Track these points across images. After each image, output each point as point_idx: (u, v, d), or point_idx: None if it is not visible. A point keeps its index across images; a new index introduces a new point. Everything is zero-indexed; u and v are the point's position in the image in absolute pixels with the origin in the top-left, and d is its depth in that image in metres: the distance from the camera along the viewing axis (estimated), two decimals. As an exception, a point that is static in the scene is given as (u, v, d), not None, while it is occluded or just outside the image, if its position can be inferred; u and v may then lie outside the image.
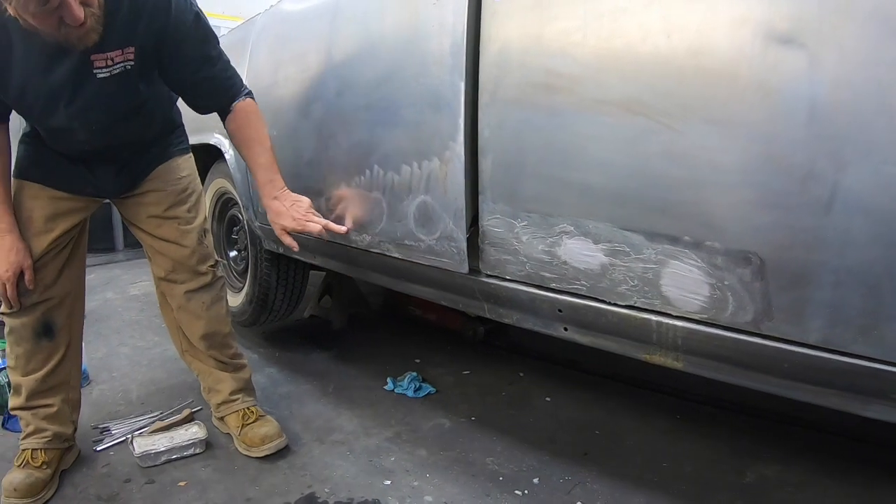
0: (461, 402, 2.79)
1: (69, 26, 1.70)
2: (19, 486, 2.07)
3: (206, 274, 2.40)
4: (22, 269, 2.07)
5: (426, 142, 1.88)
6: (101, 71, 1.89)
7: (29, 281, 2.09)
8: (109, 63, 1.89)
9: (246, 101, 2.17)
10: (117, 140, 2.12)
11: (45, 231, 2.12)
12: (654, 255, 1.44)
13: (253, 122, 2.18)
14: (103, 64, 1.89)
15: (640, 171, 1.42)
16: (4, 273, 2.03)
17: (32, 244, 2.10)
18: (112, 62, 1.89)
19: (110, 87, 1.93)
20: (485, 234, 1.79)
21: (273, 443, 2.36)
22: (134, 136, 2.17)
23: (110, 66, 1.90)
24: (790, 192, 1.22)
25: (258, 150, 2.19)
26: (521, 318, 1.86)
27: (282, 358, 3.38)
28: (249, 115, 2.18)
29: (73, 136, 2.02)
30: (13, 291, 2.06)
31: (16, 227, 2.07)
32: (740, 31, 1.24)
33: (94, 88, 1.92)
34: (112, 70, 1.90)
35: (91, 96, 1.93)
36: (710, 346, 1.44)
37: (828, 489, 2.08)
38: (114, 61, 1.89)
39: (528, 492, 2.12)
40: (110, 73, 1.91)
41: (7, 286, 2.05)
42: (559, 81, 1.53)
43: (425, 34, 1.84)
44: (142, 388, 3.02)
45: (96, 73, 1.89)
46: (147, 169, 2.27)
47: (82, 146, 2.08)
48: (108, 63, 1.89)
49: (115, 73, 1.91)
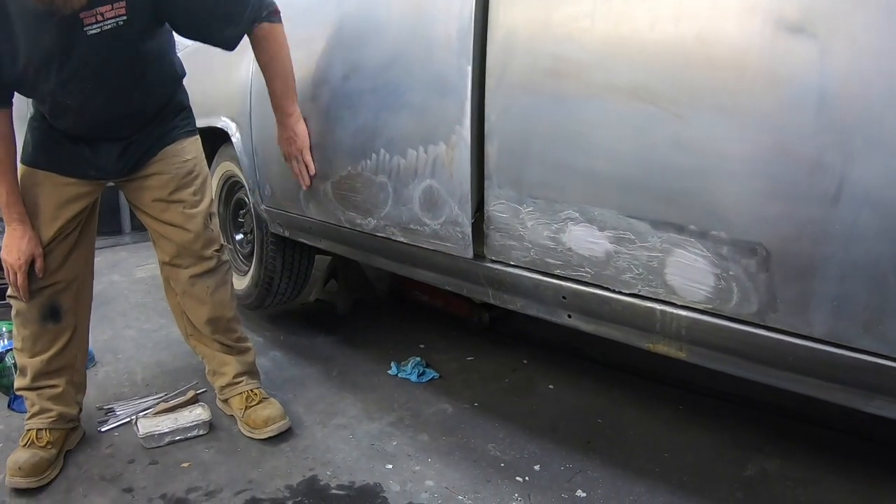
0: (464, 388, 2.79)
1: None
2: (24, 465, 2.08)
3: (211, 259, 2.38)
4: (33, 257, 2.08)
5: (432, 126, 1.87)
6: (91, 27, 1.84)
7: (39, 269, 2.10)
8: (100, 19, 1.84)
9: (262, 27, 2.12)
10: (116, 110, 2.10)
11: (52, 218, 2.13)
12: (659, 243, 1.43)
13: (266, 48, 2.18)
14: (93, 20, 1.83)
15: (646, 158, 1.41)
16: (16, 261, 2.04)
17: (41, 231, 2.11)
18: (102, 18, 1.84)
19: (102, 45, 1.89)
20: (490, 220, 1.79)
21: (276, 425, 2.37)
22: (132, 106, 2.13)
23: (101, 23, 1.84)
24: (797, 184, 1.21)
25: (269, 77, 2.26)
26: (525, 305, 1.86)
27: (286, 341, 3.39)
28: (263, 41, 2.16)
29: (67, 104, 2.00)
30: (24, 280, 2.08)
31: (26, 217, 2.08)
32: (750, 20, 1.22)
33: (85, 47, 1.88)
34: (103, 26, 1.85)
35: (83, 56, 1.89)
36: (713, 336, 1.43)
37: (829, 485, 2.07)
38: (104, 17, 1.84)
39: (530, 478, 2.12)
40: (101, 30, 1.85)
41: (18, 274, 2.06)
42: (566, 67, 1.52)
43: (432, 18, 1.84)
44: (146, 370, 3.03)
45: (86, 31, 1.84)
46: (151, 150, 2.25)
47: (80, 118, 2.07)
48: (99, 19, 1.84)
49: (106, 30, 1.86)
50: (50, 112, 2.06)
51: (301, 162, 2.42)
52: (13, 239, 2.05)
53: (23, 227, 2.06)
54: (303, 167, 2.43)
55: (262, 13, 2.11)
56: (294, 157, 2.43)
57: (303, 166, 2.43)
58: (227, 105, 3.05)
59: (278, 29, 2.16)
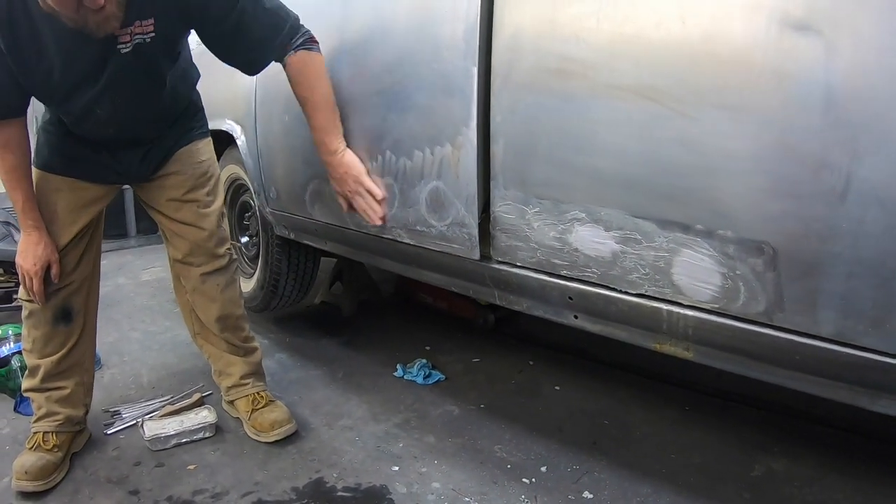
0: (470, 390, 2.79)
1: (87, 8, 1.68)
2: (30, 468, 2.08)
3: (223, 257, 2.41)
4: (49, 263, 2.09)
5: (438, 127, 1.87)
6: (124, 46, 1.87)
7: (55, 275, 2.11)
8: (131, 38, 1.87)
9: (297, 56, 2.03)
10: (142, 120, 2.12)
11: (70, 223, 2.15)
12: (665, 243, 1.43)
13: (304, 80, 2.08)
14: (127, 39, 1.86)
15: (652, 157, 1.41)
16: (32, 267, 2.05)
17: (58, 236, 2.12)
18: (131, 36, 1.87)
19: (130, 62, 1.91)
20: (496, 221, 1.79)
21: (282, 428, 2.37)
22: (157, 115, 2.16)
23: (131, 41, 1.87)
24: (804, 182, 1.21)
25: (309, 111, 2.13)
26: (532, 306, 1.86)
27: (292, 343, 3.40)
28: (299, 72, 2.07)
29: (96, 117, 2.01)
30: (40, 285, 2.08)
31: (42, 223, 2.08)
32: (755, 17, 1.22)
33: (118, 65, 1.90)
34: (133, 44, 1.88)
35: (114, 73, 1.91)
36: (720, 336, 1.43)
37: (836, 485, 2.07)
38: (132, 35, 1.87)
39: (536, 480, 2.12)
40: (132, 47, 1.88)
41: (34, 280, 2.07)
42: (572, 67, 1.52)
43: (438, 19, 1.84)
44: (153, 373, 3.04)
45: (120, 49, 1.87)
46: (170, 152, 2.27)
47: (106, 128, 2.08)
48: (129, 38, 1.87)
49: (135, 46, 1.88)
50: (75, 121, 2.07)
51: (364, 194, 2.15)
52: (29, 245, 2.05)
53: (38, 233, 2.06)
54: (369, 199, 2.15)
55: (296, 40, 2.04)
56: (355, 192, 2.17)
57: (368, 198, 2.15)
58: (232, 108, 3.05)
59: (317, 59, 2.08)
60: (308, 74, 2.08)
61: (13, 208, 2.10)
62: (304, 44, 2.04)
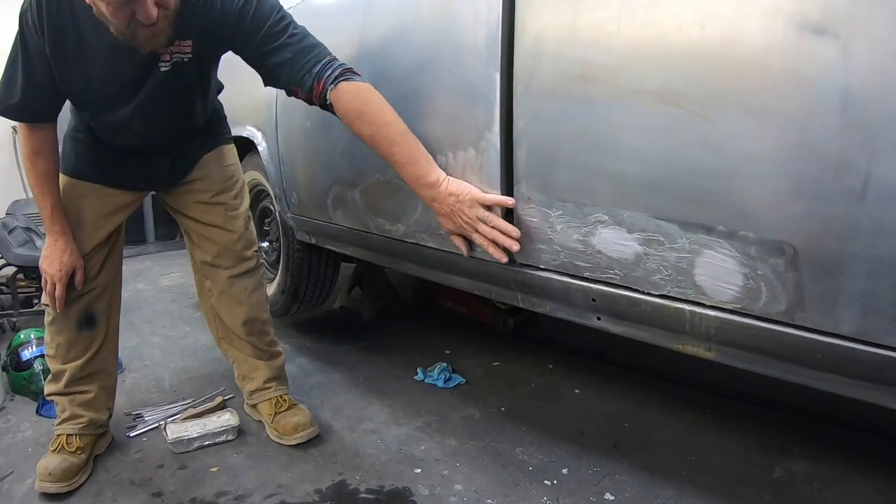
0: (491, 393, 2.81)
1: (139, 23, 1.71)
2: (54, 470, 2.11)
3: (251, 259, 2.44)
4: (74, 269, 2.12)
5: (461, 132, 1.89)
6: (164, 65, 1.92)
7: (79, 282, 2.14)
8: (171, 57, 1.92)
9: (339, 88, 1.84)
10: (172, 133, 2.16)
11: (96, 228, 2.18)
12: (688, 244, 1.44)
13: (360, 112, 1.86)
14: (168, 58, 1.92)
15: (674, 160, 1.43)
16: (57, 273, 2.08)
17: (83, 242, 2.15)
18: (171, 55, 1.92)
19: (168, 80, 1.96)
20: (519, 224, 1.80)
21: (305, 431, 2.40)
22: (187, 129, 2.20)
23: (170, 60, 1.93)
24: (823, 182, 1.22)
25: (385, 149, 1.86)
26: (555, 308, 1.87)
27: (312, 348, 3.42)
28: (348, 105, 1.86)
29: (129, 129, 2.06)
30: (62, 291, 2.11)
31: (69, 230, 2.11)
32: (773, 21, 1.23)
33: (155, 82, 1.95)
34: (171, 62, 1.93)
35: (151, 89, 1.97)
36: (742, 336, 1.44)
37: (856, 486, 2.07)
38: (172, 54, 1.92)
39: (557, 482, 2.14)
40: (170, 66, 1.94)
41: (58, 285, 2.09)
42: (594, 71, 1.53)
43: (459, 26, 1.85)
44: (174, 377, 3.08)
45: (160, 67, 1.92)
46: (197, 158, 2.31)
47: (136, 139, 2.12)
48: (170, 57, 1.92)
49: (173, 65, 1.94)
50: (106, 131, 2.11)
51: (487, 220, 1.80)
52: (55, 251, 2.08)
53: (65, 240, 2.09)
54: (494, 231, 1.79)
55: (334, 72, 1.86)
56: (473, 223, 1.82)
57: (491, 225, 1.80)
58: (254, 114, 3.08)
59: (364, 86, 1.87)
60: (362, 102, 1.86)
61: (37, 214, 2.13)
62: (343, 75, 1.86)
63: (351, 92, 1.85)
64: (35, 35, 1.84)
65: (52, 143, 2.06)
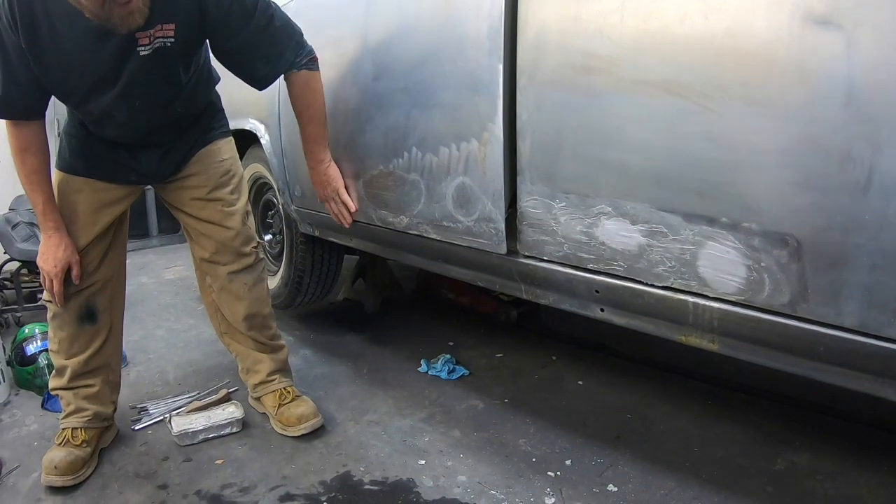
0: (494, 385, 2.81)
1: (113, 3, 1.69)
2: (60, 463, 2.11)
3: (250, 255, 2.42)
4: (69, 265, 2.11)
5: (464, 124, 1.89)
6: (143, 48, 1.89)
7: (76, 276, 2.13)
8: (151, 40, 1.89)
9: (300, 74, 2.19)
10: (159, 121, 2.13)
11: (91, 223, 2.17)
12: (691, 236, 1.45)
13: (303, 95, 2.24)
14: (147, 41, 1.88)
15: (677, 152, 1.43)
16: (52, 269, 2.07)
17: (78, 237, 2.14)
18: (152, 39, 1.88)
19: (149, 65, 1.93)
20: (523, 216, 1.80)
21: (309, 422, 2.39)
22: (175, 116, 2.17)
23: (151, 44, 1.89)
24: (827, 174, 1.22)
25: (303, 123, 2.33)
26: (558, 299, 1.87)
27: (316, 340, 3.43)
28: (300, 88, 2.23)
29: (115, 118, 2.03)
30: (60, 287, 2.11)
31: (63, 225, 2.10)
32: (778, 13, 1.23)
33: (136, 66, 1.92)
34: (153, 46, 1.90)
35: (132, 75, 1.93)
36: (745, 327, 1.45)
37: (859, 479, 2.07)
38: (153, 38, 1.88)
39: (561, 473, 2.14)
40: (151, 50, 1.90)
41: (54, 281, 2.09)
42: (597, 63, 1.53)
43: (462, 17, 1.85)
44: (178, 370, 3.08)
45: (139, 51, 1.89)
46: (190, 152, 2.28)
47: (124, 129, 2.09)
48: (150, 40, 1.89)
49: (154, 49, 1.90)
50: (94, 123, 2.09)
51: (339, 202, 2.49)
52: (49, 247, 2.08)
53: (59, 235, 2.09)
54: (341, 207, 2.49)
55: (301, 59, 2.17)
56: (330, 198, 2.50)
57: (341, 206, 2.49)
58: (256, 107, 3.09)
59: (316, 77, 2.24)
60: (308, 91, 2.24)
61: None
62: (307, 64, 2.19)
63: (305, 78, 2.21)
64: (9, 31, 1.82)
65: (41, 140, 2.04)
